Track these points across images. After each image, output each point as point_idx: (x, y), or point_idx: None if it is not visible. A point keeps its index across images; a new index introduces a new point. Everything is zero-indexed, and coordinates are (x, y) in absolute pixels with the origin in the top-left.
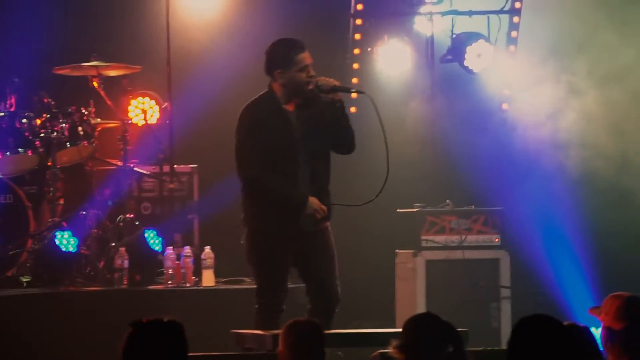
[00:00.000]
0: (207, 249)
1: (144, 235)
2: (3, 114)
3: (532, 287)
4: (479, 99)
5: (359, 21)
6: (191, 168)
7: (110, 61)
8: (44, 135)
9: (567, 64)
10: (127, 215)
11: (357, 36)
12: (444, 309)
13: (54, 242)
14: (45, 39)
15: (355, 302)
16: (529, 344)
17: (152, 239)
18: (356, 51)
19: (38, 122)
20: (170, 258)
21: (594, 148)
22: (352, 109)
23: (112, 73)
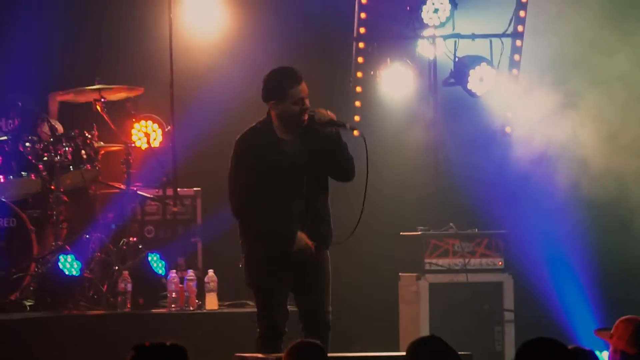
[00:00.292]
0: (211, 272)
1: (148, 258)
2: (6, 138)
3: (536, 311)
4: (482, 122)
5: (361, 44)
6: (194, 191)
7: (113, 85)
8: (47, 158)
9: (570, 86)
10: (131, 239)
11: (360, 59)
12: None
13: (58, 266)
14: (49, 63)
15: (358, 325)
16: None
17: (156, 262)
18: (359, 74)
19: (41, 145)
20: (173, 281)
21: (597, 170)
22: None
23: (115, 97)
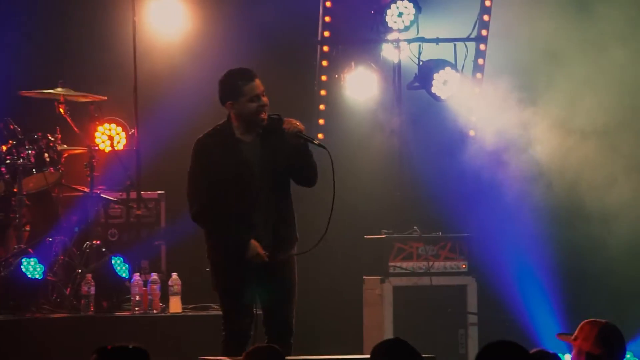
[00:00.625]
0: (174, 276)
1: (111, 261)
2: None
3: (499, 314)
4: (446, 126)
5: (326, 48)
6: (158, 194)
7: (76, 88)
8: (10, 161)
9: (534, 91)
10: (94, 242)
11: (324, 63)
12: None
13: (20, 269)
14: (12, 65)
15: (323, 328)
16: None
17: (119, 265)
18: (323, 78)
19: (4, 148)
20: (137, 285)
21: (559, 174)
22: (320, 135)
23: (79, 99)
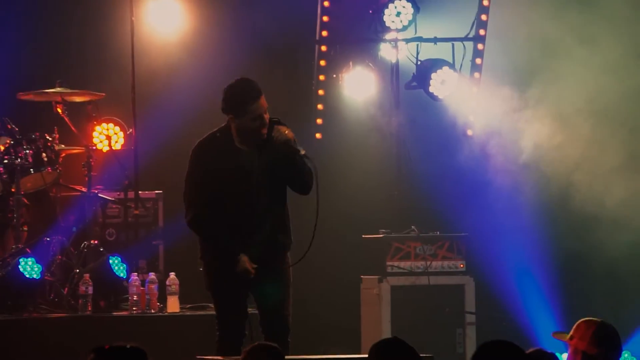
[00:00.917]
0: (172, 275)
1: (109, 261)
2: None
3: (497, 313)
4: (444, 125)
5: (324, 48)
6: (156, 194)
7: (74, 88)
8: (7, 161)
9: (531, 90)
10: (92, 242)
11: (322, 62)
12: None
13: (18, 269)
14: (9, 65)
15: (321, 328)
16: None
17: (117, 265)
18: (321, 77)
19: (1, 148)
20: (134, 284)
21: (558, 174)
22: (318, 135)
23: (77, 99)
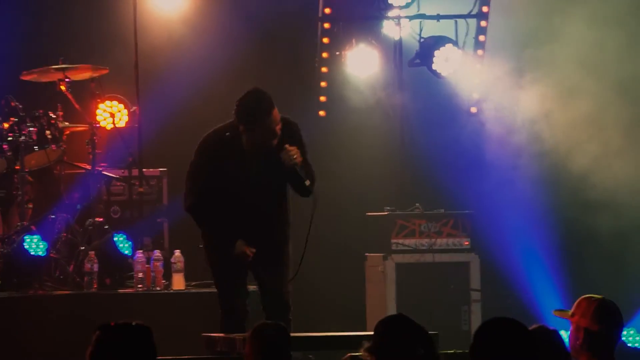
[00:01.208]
0: (177, 253)
1: (114, 239)
2: None
3: (502, 290)
4: (447, 102)
5: (327, 25)
6: (160, 171)
7: (77, 65)
8: (11, 139)
9: (535, 67)
10: (97, 219)
11: (325, 40)
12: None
13: (23, 246)
14: (12, 42)
15: (326, 305)
16: (491, 348)
17: (122, 242)
18: (324, 55)
19: (6, 125)
20: (140, 262)
21: (562, 151)
22: (321, 113)
23: (80, 76)
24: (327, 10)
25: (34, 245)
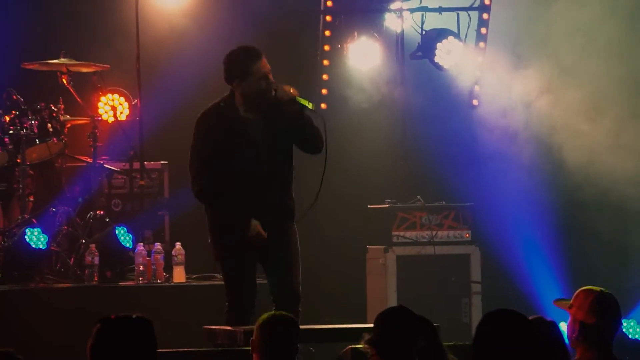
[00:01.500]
0: (178, 246)
1: (115, 231)
2: None
3: (503, 282)
4: (449, 95)
5: (328, 18)
6: (161, 165)
7: (79, 58)
8: (13, 132)
9: (537, 59)
10: (98, 212)
11: (327, 33)
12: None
13: (24, 239)
14: (14, 36)
15: (326, 298)
16: (494, 340)
17: (123, 235)
18: (326, 48)
19: (7, 118)
20: (141, 254)
21: (564, 144)
22: (323, 105)
23: (82, 70)
24: (329, 3)
25: (35, 238)
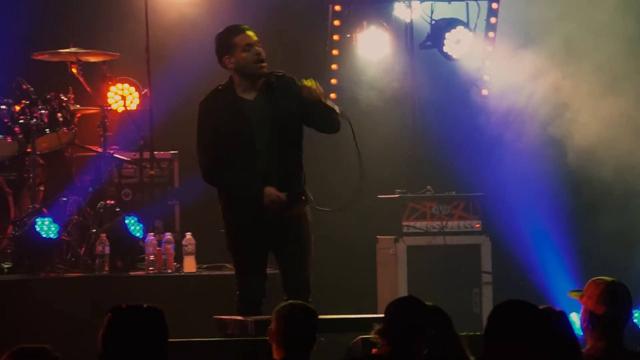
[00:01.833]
0: (188, 235)
1: (125, 221)
2: None
3: (513, 272)
4: (459, 85)
5: (337, 7)
6: (171, 154)
7: (89, 48)
8: (23, 121)
9: (547, 48)
10: (108, 202)
11: (336, 22)
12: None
13: (35, 229)
14: (24, 25)
15: (337, 288)
16: (505, 330)
17: (133, 225)
18: (335, 37)
19: (17, 108)
20: (151, 244)
21: (575, 133)
22: (332, 95)
23: (92, 59)
24: None
25: (46, 227)
